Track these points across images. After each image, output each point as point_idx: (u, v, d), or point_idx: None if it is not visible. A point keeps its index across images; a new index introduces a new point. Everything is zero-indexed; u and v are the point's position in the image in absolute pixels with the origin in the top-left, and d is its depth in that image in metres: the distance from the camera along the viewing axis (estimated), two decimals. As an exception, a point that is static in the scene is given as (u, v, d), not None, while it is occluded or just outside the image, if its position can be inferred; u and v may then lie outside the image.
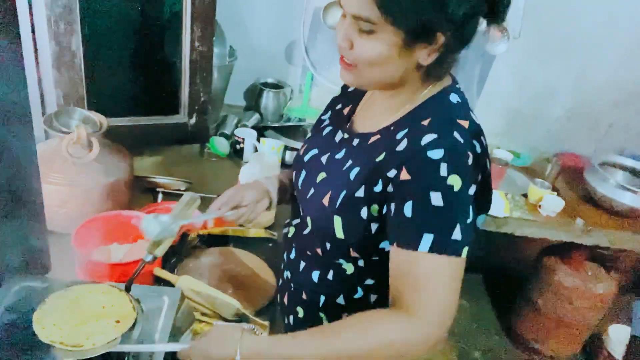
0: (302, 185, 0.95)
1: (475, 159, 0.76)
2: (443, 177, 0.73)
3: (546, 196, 1.93)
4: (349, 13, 0.75)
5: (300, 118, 2.17)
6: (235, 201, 1.01)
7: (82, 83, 1.49)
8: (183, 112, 1.76)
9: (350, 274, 0.90)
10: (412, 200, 0.74)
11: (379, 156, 0.81)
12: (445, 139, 0.75)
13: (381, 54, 0.75)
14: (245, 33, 2.04)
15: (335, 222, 0.85)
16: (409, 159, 0.76)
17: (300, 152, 1.00)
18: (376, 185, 0.80)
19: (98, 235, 1.21)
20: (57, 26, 1.39)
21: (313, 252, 0.94)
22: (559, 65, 2.13)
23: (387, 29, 0.73)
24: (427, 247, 0.73)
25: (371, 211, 0.82)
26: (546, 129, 2.30)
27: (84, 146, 1.24)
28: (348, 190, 0.83)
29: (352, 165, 0.85)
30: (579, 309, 2.08)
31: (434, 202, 0.73)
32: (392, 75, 0.79)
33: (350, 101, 0.97)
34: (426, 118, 0.79)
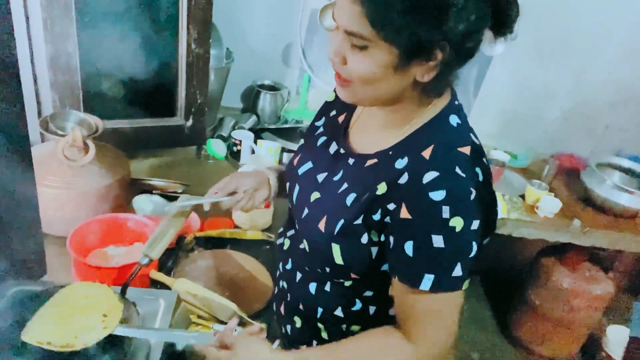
0: (296, 201, 0.94)
1: (478, 190, 0.75)
2: (445, 219, 0.72)
3: (543, 197, 1.93)
4: (341, 27, 0.71)
5: (297, 120, 2.17)
6: (233, 187, 1.00)
7: (78, 85, 1.49)
8: (180, 115, 1.75)
9: (348, 286, 0.89)
10: (414, 241, 0.74)
11: (378, 186, 0.78)
12: (447, 177, 0.73)
13: (375, 71, 0.71)
14: (242, 35, 2.04)
15: (334, 249, 0.83)
16: (410, 197, 0.74)
17: (294, 162, 0.97)
18: (375, 214, 0.79)
19: (94, 238, 1.20)
20: (53, 28, 1.38)
21: (310, 269, 0.92)
22: (556, 66, 2.13)
23: (380, 46, 0.69)
24: (428, 287, 0.74)
25: (371, 237, 0.81)
26: (543, 130, 2.30)
27: (80, 149, 1.23)
28: (346, 219, 0.81)
29: (348, 189, 0.83)
30: (577, 310, 2.08)
31: (436, 244, 0.73)
32: (387, 93, 0.75)
33: (345, 108, 0.93)
34: (426, 147, 0.76)
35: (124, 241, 1.23)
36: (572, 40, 2.08)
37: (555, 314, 2.13)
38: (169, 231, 0.95)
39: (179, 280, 1.12)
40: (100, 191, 1.26)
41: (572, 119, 2.26)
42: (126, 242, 1.24)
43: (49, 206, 1.19)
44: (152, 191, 1.49)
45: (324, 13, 2.26)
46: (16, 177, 0.93)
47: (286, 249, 0.98)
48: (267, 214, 1.47)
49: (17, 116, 0.89)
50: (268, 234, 1.42)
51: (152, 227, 1.20)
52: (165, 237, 0.93)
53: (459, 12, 0.65)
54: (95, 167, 1.26)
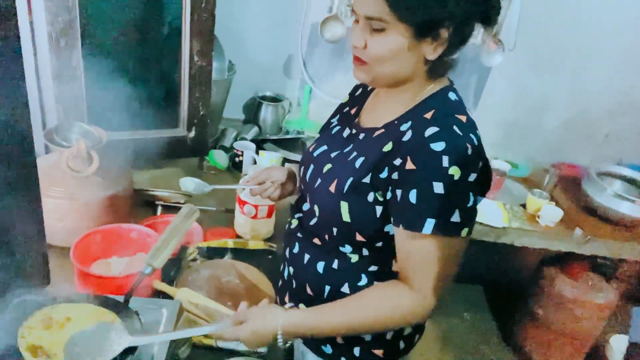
0: (309, 178, 1.01)
1: (473, 150, 0.83)
2: (445, 167, 0.80)
3: (544, 206, 1.93)
4: (361, 15, 0.83)
5: (298, 131, 2.19)
6: (263, 177, 1.16)
7: (82, 98, 1.51)
8: (182, 126, 1.77)
9: (354, 262, 0.96)
10: (417, 189, 0.82)
11: (385, 146, 0.88)
12: (446, 131, 0.82)
13: (392, 49, 0.83)
14: (243, 48, 2.06)
15: (342, 207, 0.91)
16: (413, 150, 0.83)
17: (309, 149, 1.06)
18: (382, 172, 0.87)
19: (97, 249, 1.21)
20: (58, 42, 1.41)
21: (319, 239, 0.98)
22: (554, 76, 2.15)
23: (397, 26, 0.81)
24: (429, 230, 0.82)
25: (377, 196, 0.89)
26: (543, 139, 2.32)
27: (84, 160, 1.25)
28: (354, 177, 0.90)
29: (357, 155, 0.92)
30: (579, 320, 2.07)
31: (436, 190, 0.81)
32: (401, 70, 0.86)
33: (356, 103, 1.05)
34: (428, 111, 0.87)
35: (127, 252, 1.24)
36: (570, 49, 2.10)
37: (558, 324, 2.12)
38: (171, 241, 0.96)
39: (182, 290, 1.13)
40: (103, 202, 1.27)
41: (572, 128, 2.27)
42: (129, 253, 1.24)
43: (53, 216, 1.20)
44: (155, 201, 1.51)
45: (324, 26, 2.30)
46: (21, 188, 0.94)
47: (294, 228, 1.05)
48: (269, 224, 1.48)
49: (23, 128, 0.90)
50: (270, 244, 1.43)
51: (154, 237, 1.21)
52: (168, 247, 0.94)
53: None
54: (99, 178, 1.27)
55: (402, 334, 1.02)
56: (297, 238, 1.04)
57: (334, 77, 2.17)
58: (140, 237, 1.24)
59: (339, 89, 2.16)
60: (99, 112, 1.56)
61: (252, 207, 1.40)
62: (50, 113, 1.52)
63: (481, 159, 0.86)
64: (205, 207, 1.55)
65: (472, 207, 0.85)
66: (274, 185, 1.15)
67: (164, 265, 0.97)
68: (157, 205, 1.51)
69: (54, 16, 1.37)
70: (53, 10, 1.36)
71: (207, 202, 1.59)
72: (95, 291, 1.03)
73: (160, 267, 0.95)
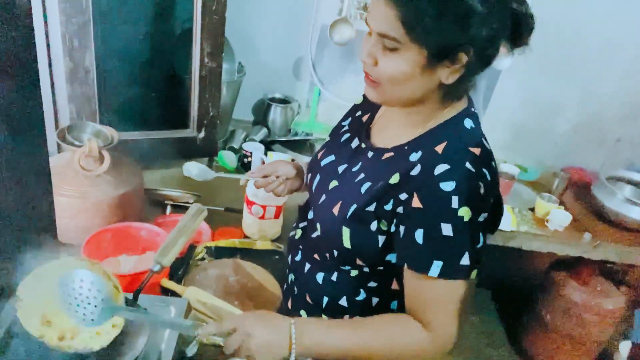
0: (315, 189, 0.99)
1: (485, 188, 0.78)
2: (454, 209, 0.76)
3: (553, 210, 1.92)
4: (374, 31, 0.77)
5: (307, 132, 2.20)
6: (268, 171, 1.12)
7: (94, 98, 1.53)
8: (192, 127, 1.79)
9: (354, 276, 0.93)
10: (424, 229, 0.78)
11: (391, 177, 0.83)
12: (457, 170, 0.77)
13: (404, 71, 0.76)
14: (253, 49, 2.08)
15: (344, 233, 0.88)
16: (421, 187, 0.79)
17: (318, 156, 1.03)
18: (387, 204, 0.83)
19: (107, 247, 1.23)
20: (72, 43, 1.43)
21: (320, 256, 0.96)
22: (564, 79, 2.14)
23: (411, 48, 0.74)
24: (436, 273, 0.78)
25: (380, 225, 0.85)
26: (553, 143, 2.30)
27: (96, 159, 1.26)
28: (359, 204, 0.86)
29: (365, 179, 0.88)
30: (588, 325, 2.06)
31: (444, 232, 0.77)
32: (414, 93, 0.80)
33: (370, 109, 1.01)
34: (440, 143, 0.81)
35: (136, 250, 1.26)
36: (580, 53, 2.08)
37: (566, 329, 2.11)
38: (180, 239, 0.97)
39: (190, 289, 1.14)
40: (114, 200, 1.29)
41: (582, 132, 2.26)
42: (138, 251, 1.26)
43: (64, 215, 1.22)
44: (165, 201, 1.52)
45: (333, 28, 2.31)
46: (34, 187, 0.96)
47: (297, 239, 1.03)
48: (277, 225, 1.49)
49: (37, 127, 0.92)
50: (277, 244, 1.43)
51: (163, 236, 1.22)
52: (176, 245, 0.95)
53: (484, 19, 0.71)
54: (110, 177, 1.29)
55: None
56: (299, 247, 1.03)
57: (343, 79, 2.18)
58: (149, 235, 1.25)
59: (348, 91, 2.17)
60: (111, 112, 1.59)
61: (260, 207, 1.41)
62: (63, 113, 1.54)
63: (493, 196, 0.82)
64: (214, 207, 1.56)
65: (481, 247, 0.80)
66: (279, 180, 1.11)
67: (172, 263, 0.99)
68: (167, 204, 1.53)
69: (68, 18, 1.40)
70: (67, 11, 1.39)
71: (215, 202, 1.60)
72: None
73: (169, 265, 0.96)
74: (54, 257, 0.86)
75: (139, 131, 1.68)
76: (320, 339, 0.82)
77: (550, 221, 1.91)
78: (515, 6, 0.75)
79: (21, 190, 0.92)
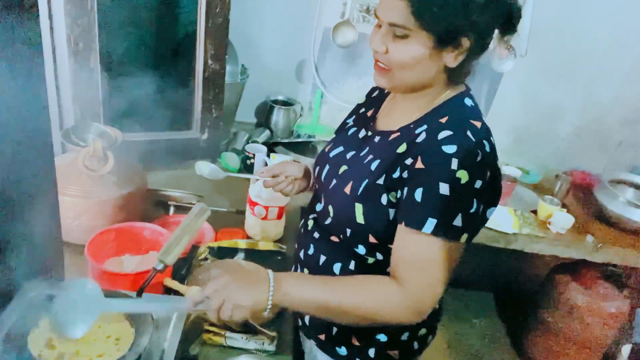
0: (325, 178, 1.02)
1: (483, 157, 0.83)
2: (453, 170, 0.81)
3: (556, 213, 1.92)
4: (385, 21, 0.85)
5: (309, 135, 2.20)
6: (277, 171, 1.15)
7: (99, 99, 1.54)
8: (195, 128, 1.80)
9: (371, 263, 0.96)
10: (423, 187, 0.83)
11: (399, 147, 0.89)
12: (459, 136, 0.83)
13: (414, 56, 0.84)
14: (256, 52, 2.09)
15: (357, 209, 0.92)
16: (425, 150, 0.85)
17: (326, 150, 1.07)
18: (395, 172, 0.88)
19: (111, 247, 1.23)
20: (77, 45, 1.44)
21: (335, 239, 0.99)
22: (566, 82, 2.15)
23: (420, 34, 0.82)
24: (430, 229, 0.82)
25: (390, 197, 0.89)
26: (555, 146, 2.31)
27: (100, 159, 1.27)
28: (369, 179, 0.91)
29: (373, 158, 0.93)
30: (591, 328, 2.05)
31: (442, 191, 0.81)
32: (422, 77, 0.87)
33: (373, 105, 1.06)
34: (444, 116, 0.88)
35: (139, 250, 1.26)
36: (582, 56, 2.09)
37: (569, 332, 2.10)
38: (183, 238, 0.97)
39: (192, 288, 1.14)
40: (117, 201, 1.29)
41: (584, 136, 2.26)
42: (141, 251, 1.26)
43: (68, 214, 1.23)
44: (168, 202, 1.53)
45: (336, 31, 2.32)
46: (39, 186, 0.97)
47: (310, 229, 1.05)
48: (279, 226, 1.49)
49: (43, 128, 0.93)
50: (280, 245, 1.44)
51: (167, 236, 1.23)
52: (179, 244, 0.96)
53: (483, 7, 0.80)
54: (114, 177, 1.30)
55: (417, 334, 1.02)
56: (312, 239, 1.04)
57: (346, 82, 2.19)
58: (152, 235, 1.26)
59: (351, 94, 2.18)
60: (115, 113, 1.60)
61: (263, 208, 1.42)
62: (68, 113, 1.56)
63: (491, 167, 0.86)
64: (217, 207, 1.57)
65: (474, 214, 0.84)
66: (287, 180, 1.14)
67: (175, 263, 0.99)
68: (170, 205, 1.54)
69: (73, 20, 1.41)
70: (72, 14, 1.40)
71: (218, 203, 1.61)
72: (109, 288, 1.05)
73: (172, 263, 0.96)
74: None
75: (142, 132, 1.69)
76: (296, 287, 0.86)
77: (553, 224, 1.91)
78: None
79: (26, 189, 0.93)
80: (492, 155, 0.86)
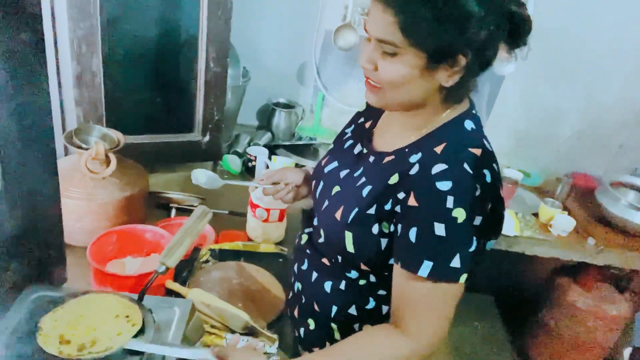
0: (319, 196, 1.00)
1: (483, 190, 0.78)
2: (448, 209, 0.76)
3: (557, 215, 1.92)
4: (373, 37, 0.78)
5: (311, 137, 2.21)
6: (277, 178, 1.13)
7: (101, 102, 1.55)
8: (197, 131, 1.80)
9: (362, 284, 0.93)
10: (417, 227, 0.78)
11: (391, 177, 0.84)
12: (454, 171, 0.77)
13: (404, 75, 0.78)
14: (258, 55, 2.10)
15: (347, 237, 0.88)
16: (418, 185, 0.79)
17: (321, 163, 1.05)
18: (387, 204, 0.84)
19: (112, 249, 1.24)
20: (80, 48, 1.45)
21: (326, 263, 0.97)
22: (567, 85, 2.15)
23: (409, 52, 0.76)
24: (426, 273, 0.78)
25: (382, 228, 0.85)
26: (556, 149, 2.31)
27: (102, 162, 1.28)
28: (360, 208, 0.87)
29: (366, 182, 0.89)
30: (592, 331, 2.05)
31: (437, 232, 0.76)
32: (414, 96, 0.81)
33: (372, 116, 1.02)
34: (440, 144, 0.82)
35: (141, 252, 1.27)
36: (583, 59, 2.09)
37: (570, 335, 2.10)
38: (185, 240, 0.98)
39: (194, 291, 1.14)
40: (119, 203, 1.30)
41: (585, 138, 2.26)
42: (143, 253, 1.27)
43: (71, 217, 1.24)
44: (170, 204, 1.54)
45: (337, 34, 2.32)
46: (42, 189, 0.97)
47: (304, 244, 1.03)
48: (281, 228, 1.50)
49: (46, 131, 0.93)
50: (281, 247, 1.44)
51: (168, 238, 1.23)
52: (181, 246, 0.97)
53: (481, 22, 0.73)
54: (116, 179, 1.31)
55: None
56: (306, 255, 1.03)
57: (347, 85, 2.19)
58: (154, 238, 1.26)
59: (352, 97, 2.18)
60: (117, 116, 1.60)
61: (264, 210, 1.42)
62: (70, 116, 1.56)
63: (492, 198, 0.81)
64: (218, 210, 1.58)
65: (472, 253, 0.79)
66: (287, 188, 1.12)
67: (177, 265, 1.00)
68: (172, 207, 1.54)
69: (76, 23, 1.42)
70: (75, 17, 1.41)
71: (220, 205, 1.61)
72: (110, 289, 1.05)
73: (174, 266, 0.97)
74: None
75: (144, 134, 1.70)
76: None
77: (554, 226, 1.91)
78: (514, 8, 0.76)
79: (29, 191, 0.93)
80: (493, 185, 0.81)
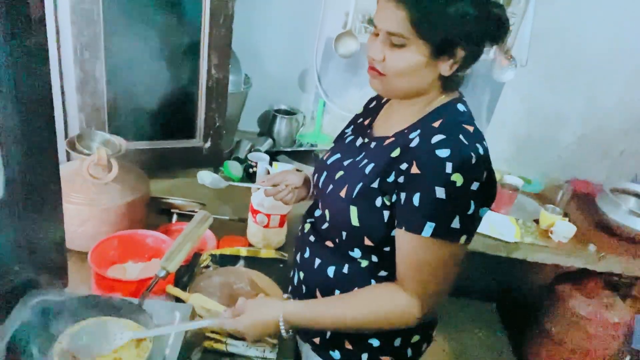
0: (322, 184, 1.05)
1: (478, 159, 0.85)
2: (448, 174, 0.83)
3: (558, 222, 1.92)
4: (383, 30, 0.87)
5: (312, 144, 2.22)
6: (277, 180, 1.19)
7: (103, 108, 1.56)
8: (198, 137, 1.82)
9: (364, 267, 0.98)
10: (420, 192, 0.85)
11: (393, 152, 0.91)
12: (452, 140, 0.85)
13: (410, 65, 0.87)
14: (259, 62, 2.11)
15: (352, 212, 0.94)
16: (419, 155, 0.86)
17: (323, 158, 1.10)
18: (389, 176, 0.90)
19: (114, 254, 1.24)
20: (83, 54, 1.46)
21: (330, 244, 1.01)
22: (567, 92, 2.16)
23: (417, 43, 0.85)
24: (429, 233, 0.85)
25: (384, 200, 0.92)
26: (557, 155, 2.31)
27: (104, 167, 1.28)
28: (364, 182, 0.93)
29: (368, 162, 0.96)
30: (594, 338, 2.04)
31: (438, 195, 0.83)
32: (417, 84, 0.90)
33: (370, 114, 1.09)
34: (437, 120, 0.90)
35: (142, 257, 1.27)
36: (583, 65, 2.10)
37: (571, 342, 2.09)
38: (185, 245, 0.98)
39: (194, 296, 1.15)
40: (121, 208, 1.31)
41: (586, 145, 2.27)
42: (144, 258, 1.27)
43: (72, 222, 1.24)
44: (171, 209, 1.54)
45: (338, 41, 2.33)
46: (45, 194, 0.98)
47: (306, 232, 1.08)
48: (281, 234, 1.50)
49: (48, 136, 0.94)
50: (281, 253, 1.45)
51: (169, 243, 1.24)
52: (182, 251, 0.97)
53: (477, 19, 0.84)
54: (118, 185, 1.31)
55: (410, 341, 1.03)
56: (308, 242, 1.07)
57: (348, 92, 2.21)
58: (155, 243, 1.27)
59: (353, 104, 2.19)
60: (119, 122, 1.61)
61: (265, 216, 1.43)
62: (73, 122, 1.57)
63: (486, 169, 0.88)
64: (219, 215, 1.58)
65: (472, 215, 0.87)
66: (288, 189, 1.18)
67: (177, 271, 1.00)
68: (173, 213, 1.55)
69: (80, 30, 1.43)
70: (78, 24, 1.42)
71: (220, 211, 1.62)
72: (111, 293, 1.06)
73: (174, 270, 0.97)
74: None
75: (146, 140, 1.71)
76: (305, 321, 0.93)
77: (555, 233, 1.91)
78: (497, 11, 0.86)
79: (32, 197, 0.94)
80: (486, 157, 0.88)
